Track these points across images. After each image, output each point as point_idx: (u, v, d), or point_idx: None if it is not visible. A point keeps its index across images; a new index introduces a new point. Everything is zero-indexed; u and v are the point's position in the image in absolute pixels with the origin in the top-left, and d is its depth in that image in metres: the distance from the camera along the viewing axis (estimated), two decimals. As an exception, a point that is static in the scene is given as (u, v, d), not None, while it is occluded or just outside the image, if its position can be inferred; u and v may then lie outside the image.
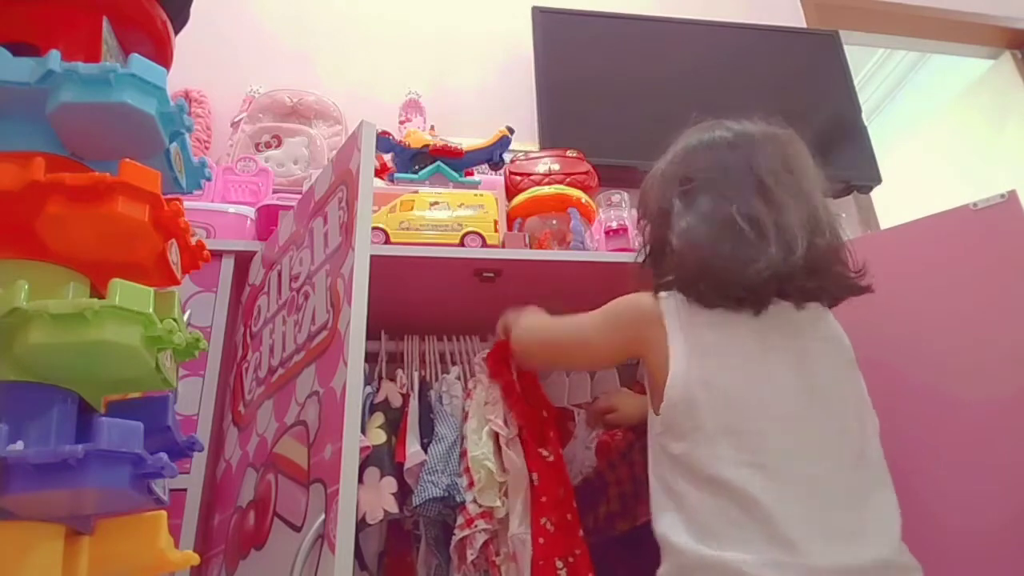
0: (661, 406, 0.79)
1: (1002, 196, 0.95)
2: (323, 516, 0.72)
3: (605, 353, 0.93)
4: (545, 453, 1.01)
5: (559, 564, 0.92)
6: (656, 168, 0.93)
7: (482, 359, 1.17)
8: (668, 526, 0.75)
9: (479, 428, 1.05)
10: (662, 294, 0.84)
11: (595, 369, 1.22)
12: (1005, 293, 0.93)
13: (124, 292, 0.52)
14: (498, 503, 0.99)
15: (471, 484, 1.00)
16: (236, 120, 1.63)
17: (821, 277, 0.81)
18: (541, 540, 0.93)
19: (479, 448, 1.02)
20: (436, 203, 1.24)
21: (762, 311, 0.80)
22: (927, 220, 1.03)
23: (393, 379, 1.16)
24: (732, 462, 0.72)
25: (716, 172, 0.85)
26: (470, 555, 0.96)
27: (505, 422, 1.05)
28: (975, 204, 0.97)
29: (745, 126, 0.89)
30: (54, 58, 0.54)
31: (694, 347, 0.78)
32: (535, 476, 0.99)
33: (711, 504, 0.72)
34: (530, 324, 1.00)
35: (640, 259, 0.94)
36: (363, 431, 1.04)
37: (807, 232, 0.79)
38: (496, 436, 1.04)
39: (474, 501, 0.98)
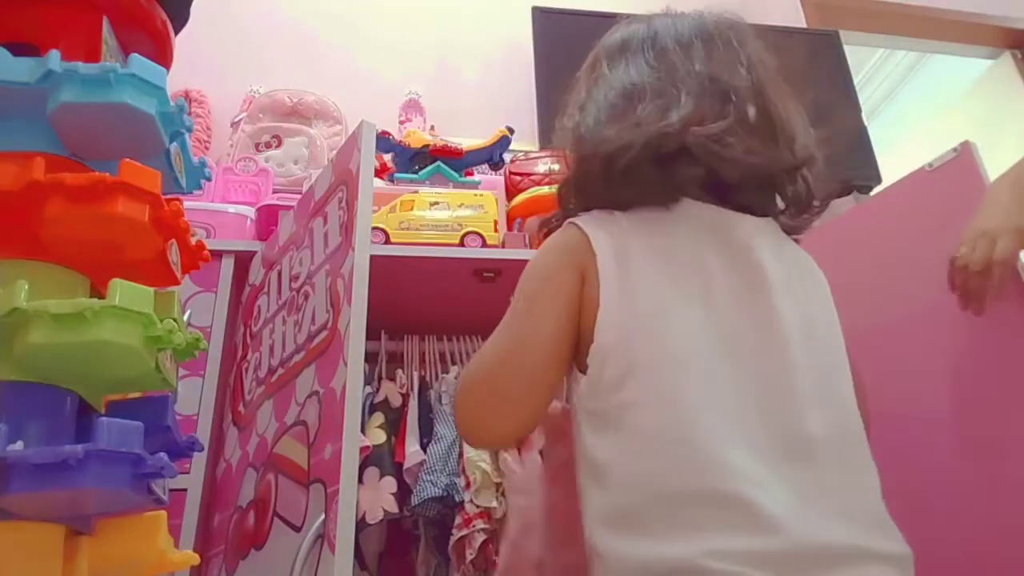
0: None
1: (955, 151, 0.93)
2: (323, 516, 0.72)
3: (551, 321, 0.61)
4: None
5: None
6: None
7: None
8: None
9: (477, 428, 1.05)
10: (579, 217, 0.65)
11: (551, 367, 0.63)
12: None
13: (124, 292, 0.52)
14: (495, 503, 0.99)
15: (468, 484, 1.00)
16: (236, 120, 1.63)
17: (716, 153, 0.61)
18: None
19: (474, 449, 1.03)
20: (436, 203, 1.24)
21: (671, 203, 0.64)
22: (887, 190, 1.03)
23: (393, 379, 1.16)
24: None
25: (616, 56, 0.70)
26: (469, 555, 0.96)
27: (502, 422, 1.05)
28: (930, 164, 0.96)
29: (669, 13, 0.73)
30: (54, 58, 0.54)
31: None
32: None
33: None
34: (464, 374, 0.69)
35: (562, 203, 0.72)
36: (363, 431, 1.04)
37: (709, 100, 0.63)
38: (493, 436, 1.04)
39: (471, 501, 0.98)
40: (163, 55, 0.70)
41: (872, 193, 1.98)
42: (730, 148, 0.61)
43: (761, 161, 0.63)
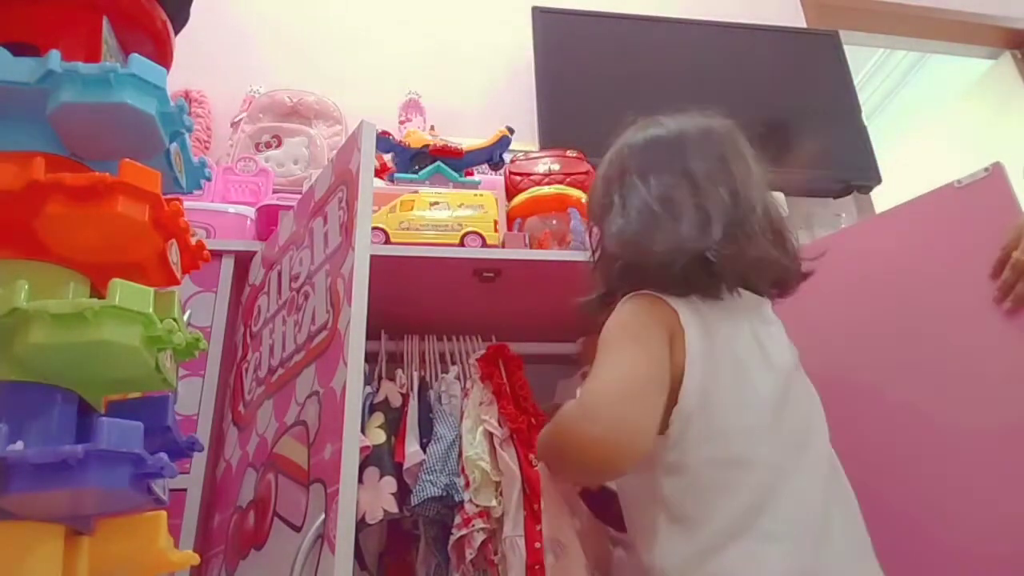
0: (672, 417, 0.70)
1: (986, 170, 0.91)
2: (323, 516, 0.72)
3: (661, 364, 0.72)
4: (533, 460, 1.01)
5: (556, 570, 0.93)
6: (598, 172, 0.91)
7: (476, 360, 1.17)
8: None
9: (474, 428, 1.05)
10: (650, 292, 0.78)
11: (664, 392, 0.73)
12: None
13: (124, 292, 0.52)
14: (494, 503, 0.99)
15: (468, 484, 1.00)
16: (236, 120, 1.63)
17: (748, 260, 0.77)
18: (537, 545, 0.93)
19: (473, 448, 1.03)
20: (436, 203, 1.24)
21: (716, 295, 0.77)
22: (912, 203, 1.01)
23: (393, 379, 1.16)
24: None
25: (647, 166, 0.82)
26: (469, 554, 0.96)
27: (499, 423, 1.05)
28: (959, 181, 0.95)
29: (680, 121, 0.86)
30: (54, 58, 0.54)
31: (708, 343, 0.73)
32: (526, 484, 0.99)
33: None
34: (544, 433, 0.76)
35: (592, 265, 0.91)
36: (363, 431, 1.04)
37: (733, 214, 0.76)
38: (490, 436, 1.04)
39: (471, 501, 0.98)
40: (163, 55, 0.70)
41: (872, 194, 1.99)
42: (758, 259, 0.76)
43: (777, 262, 0.78)
